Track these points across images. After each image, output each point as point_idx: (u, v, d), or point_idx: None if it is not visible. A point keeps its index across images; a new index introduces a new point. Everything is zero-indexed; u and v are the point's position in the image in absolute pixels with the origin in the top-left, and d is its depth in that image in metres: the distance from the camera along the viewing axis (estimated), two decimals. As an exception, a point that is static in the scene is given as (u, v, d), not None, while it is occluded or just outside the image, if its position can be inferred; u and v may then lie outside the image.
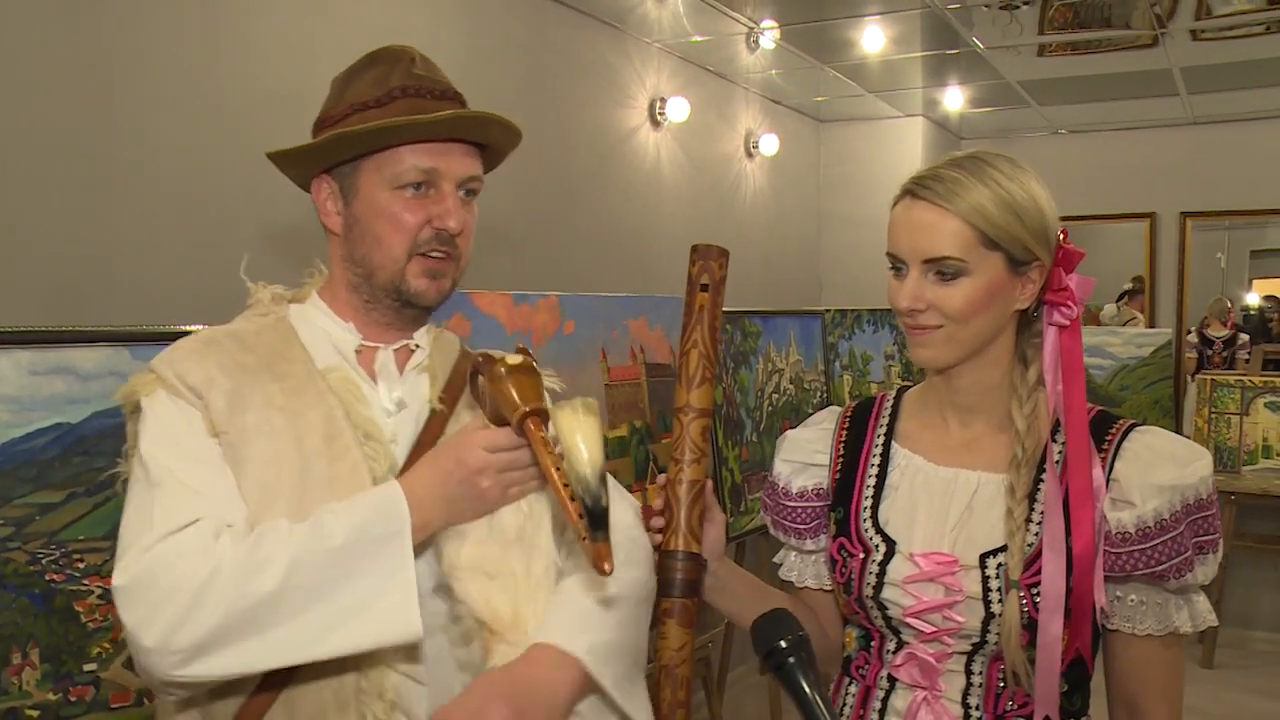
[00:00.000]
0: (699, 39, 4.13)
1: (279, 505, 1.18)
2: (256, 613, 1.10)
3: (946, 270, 1.25)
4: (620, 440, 2.92)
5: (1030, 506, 1.27)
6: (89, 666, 1.75)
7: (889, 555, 1.32)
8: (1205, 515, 1.25)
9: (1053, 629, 1.22)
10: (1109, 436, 1.29)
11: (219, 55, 2.44)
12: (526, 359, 1.22)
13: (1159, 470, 1.24)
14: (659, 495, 1.30)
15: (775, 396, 3.94)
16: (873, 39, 4.15)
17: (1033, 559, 1.25)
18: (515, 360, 1.20)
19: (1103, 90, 5.09)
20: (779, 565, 1.54)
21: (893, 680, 1.33)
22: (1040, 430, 1.30)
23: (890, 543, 1.33)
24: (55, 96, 2.12)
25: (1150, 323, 5.94)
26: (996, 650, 1.26)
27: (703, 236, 1.38)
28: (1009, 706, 1.28)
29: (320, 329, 1.33)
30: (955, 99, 5.25)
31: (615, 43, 3.96)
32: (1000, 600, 1.25)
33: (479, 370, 1.22)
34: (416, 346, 1.37)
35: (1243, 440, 4.97)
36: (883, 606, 1.32)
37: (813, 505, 1.44)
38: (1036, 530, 1.26)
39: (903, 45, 4.29)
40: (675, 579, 1.25)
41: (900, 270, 1.29)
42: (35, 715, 1.68)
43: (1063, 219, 1.31)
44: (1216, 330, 6.01)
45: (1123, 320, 6.12)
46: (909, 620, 1.30)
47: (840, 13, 3.87)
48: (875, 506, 1.36)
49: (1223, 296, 6.11)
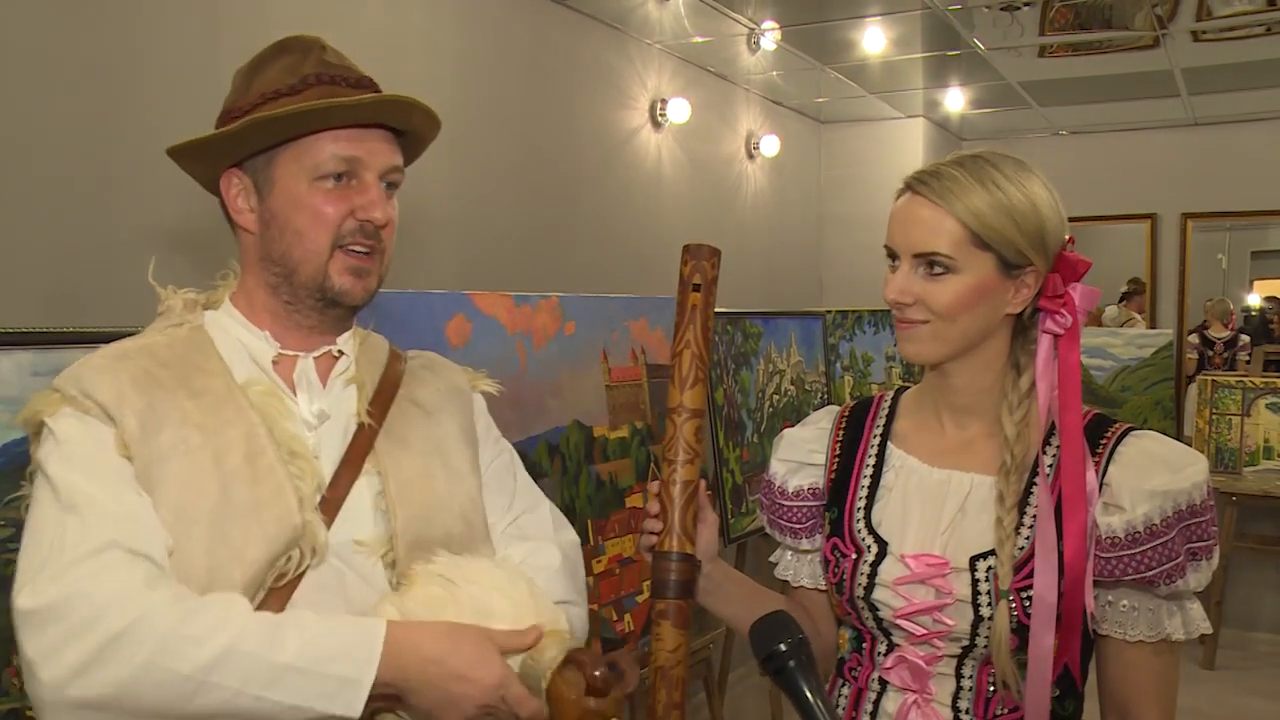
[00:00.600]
0: (700, 40, 4.13)
1: (196, 530, 1.12)
2: (164, 689, 1.00)
3: (936, 266, 1.26)
4: (621, 441, 2.92)
5: (1021, 513, 1.27)
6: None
7: (881, 556, 1.32)
8: (1199, 522, 1.24)
9: (1045, 641, 1.22)
10: (1104, 441, 1.28)
11: (219, 57, 2.45)
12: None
13: (1152, 475, 1.24)
14: (654, 497, 1.30)
15: (776, 397, 3.94)
16: (874, 40, 4.15)
17: (1022, 564, 1.25)
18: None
19: (1104, 91, 5.08)
20: (775, 564, 1.54)
21: (884, 683, 1.34)
22: (1030, 437, 1.29)
23: (882, 544, 1.33)
24: (57, 96, 2.13)
25: (1151, 324, 5.94)
26: (986, 654, 1.26)
27: (704, 237, 1.38)
28: (999, 711, 1.28)
29: (235, 339, 1.26)
30: (956, 100, 5.26)
31: (616, 44, 3.96)
32: (990, 604, 1.25)
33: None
34: (340, 353, 1.30)
35: (1244, 441, 4.96)
36: (874, 608, 1.32)
37: (808, 505, 1.44)
38: (1027, 536, 1.26)
39: (903, 46, 4.29)
40: (669, 580, 1.25)
41: (895, 263, 1.31)
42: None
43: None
44: (1217, 331, 6.01)
45: (1121, 321, 6.12)
46: (899, 622, 1.30)
47: (841, 14, 3.88)
48: (869, 507, 1.36)
49: (1224, 298, 6.11)
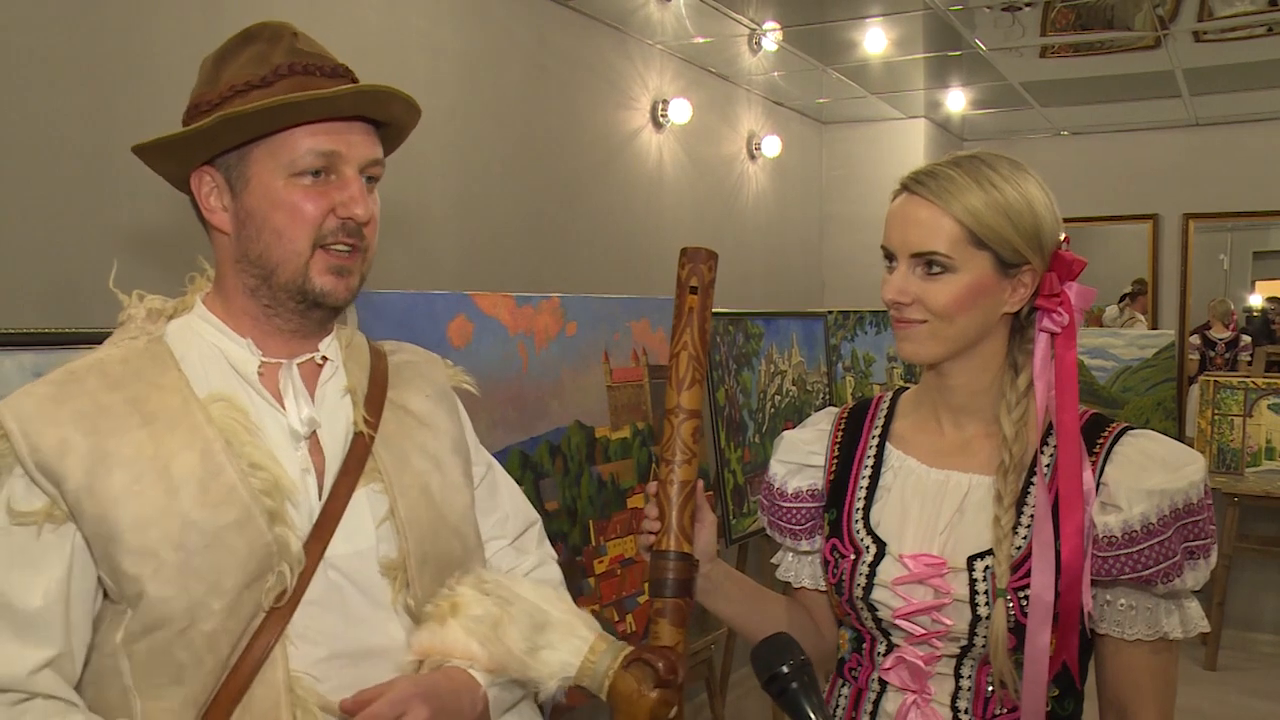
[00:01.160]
0: (701, 41, 4.13)
1: (165, 572, 1.08)
2: None
3: (933, 266, 1.26)
4: (623, 442, 2.92)
5: (1019, 512, 1.27)
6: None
7: (879, 556, 1.32)
8: (1196, 520, 1.24)
9: (1040, 640, 1.22)
10: (1101, 440, 1.29)
11: (222, 57, 2.44)
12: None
13: (1148, 475, 1.24)
14: (652, 498, 1.30)
15: (778, 398, 3.94)
16: (875, 41, 4.15)
17: (1019, 563, 1.25)
18: None
19: (1105, 92, 5.08)
20: (777, 566, 1.54)
21: (883, 683, 1.34)
22: (1028, 437, 1.30)
23: (881, 544, 1.33)
24: (60, 97, 2.13)
25: (1153, 325, 5.93)
26: (984, 654, 1.26)
27: (705, 238, 1.38)
28: (998, 711, 1.28)
29: (212, 346, 1.20)
30: (957, 101, 5.25)
31: (617, 44, 3.96)
32: (987, 604, 1.25)
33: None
34: (324, 359, 1.26)
35: (1246, 442, 4.96)
36: (872, 608, 1.32)
37: (807, 506, 1.44)
38: (1025, 535, 1.26)
39: (905, 47, 4.29)
40: (667, 579, 1.26)
41: (892, 264, 1.31)
42: None
43: (1065, 221, 1.31)
44: (1219, 332, 6.00)
45: (1123, 322, 6.11)
46: (898, 622, 1.30)
47: (842, 14, 3.88)
48: (867, 508, 1.37)
49: (1225, 298, 6.11)
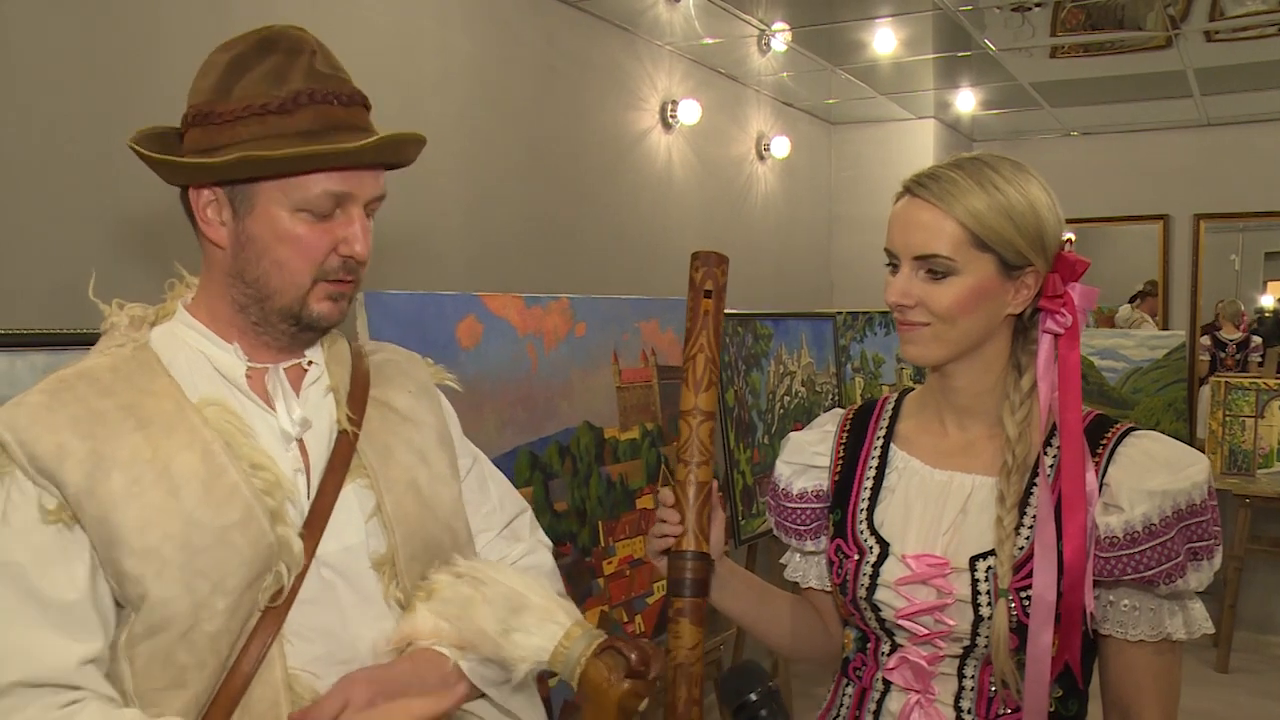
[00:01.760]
0: (710, 41, 4.13)
1: (169, 571, 1.08)
2: None
3: (936, 269, 1.26)
4: (632, 443, 2.92)
5: (1021, 513, 1.27)
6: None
7: (883, 557, 1.32)
8: (1199, 521, 1.24)
9: (1042, 640, 1.22)
10: (1104, 441, 1.29)
11: (233, 59, 2.46)
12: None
13: (1151, 475, 1.24)
14: (669, 498, 1.31)
15: (787, 399, 3.93)
16: (884, 41, 4.15)
17: (1022, 564, 1.25)
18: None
19: (1116, 92, 5.07)
20: (785, 565, 1.54)
21: (887, 683, 1.34)
22: (1032, 438, 1.30)
23: (884, 544, 1.33)
24: (68, 97, 2.14)
25: (1164, 325, 5.91)
26: (987, 654, 1.26)
27: (714, 239, 1.38)
28: (1001, 711, 1.28)
29: (197, 352, 1.20)
30: (967, 101, 5.24)
31: (626, 45, 3.96)
32: (990, 604, 1.25)
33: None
34: (310, 363, 1.27)
35: (1257, 443, 4.94)
36: (876, 608, 1.32)
37: (812, 507, 1.45)
38: (1027, 536, 1.26)
39: (914, 47, 4.29)
40: (685, 579, 1.27)
41: (895, 266, 1.31)
42: None
43: (1075, 221, 1.32)
44: (1229, 333, 5.98)
45: (1132, 323, 6.10)
46: (901, 622, 1.30)
47: (852, 15, 3.87)
48: (871, 508, 1.37)
49: (1235, 299, 6.08)
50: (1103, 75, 4.73)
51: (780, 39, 4.12)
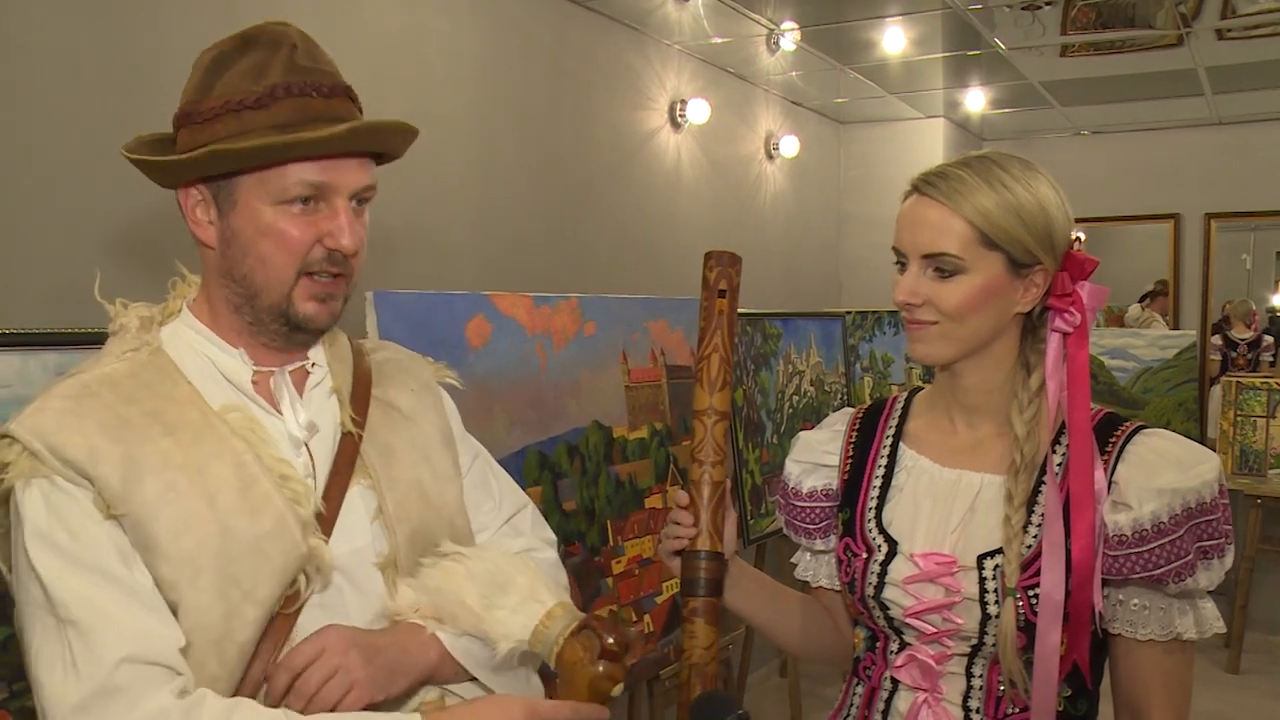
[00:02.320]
0: (719, 41, 4.13)
1: (203, 579, 1.08)
2: None
3: (944, 267, 1.26)
4: (640, 442, 2.92)
5: (1029, 511, 1.27)
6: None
7: (891, 555, 1.32)
8: (1209, 520, 1.23)
9: (1050, 638, 1.22)
10: (1113, 439, 1.28)
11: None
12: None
13: (1160, 473, 1.23)
14: (683, 499, 1.31)
15: (796, 398, 3.93)
16: (894, 40, 4.14)
17: (1029, 562, 1.25)
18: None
19: (1126, 91, 5.05)
20: (796, 565, 1.54)
21: (896, 682, 1.34)
22: (1040, 436, 1.29)
23: (892, 543, 1.33)
24: (70, 99, 2.15)
25: (1175, 325, 5.89)
26: (995, 653, 1.26)
27: (723, 239, 1.39)
28: (1009, 710, 1.28)
29: (202, 356, 1.20)
30: (977, 100, 5.23)
31: (635, 44, 3.96)
32: (997, 602, 1.25)
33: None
34: (313, 365, 1.27)
35: (1269, 444, 4.92)
36: (884, 606, 1.32)
37: (821, 506, 1.45)
38: (1035, 534, 1.26)
39: (924, 46, 4.28)
40: (700, 578, 1.28)
41: (903, 265, 1.31)
42: None
43: (1086, 220, 1.32)
44: (1240, 332, 5.96)
45: (1142, 322, 6.08)
46: (909, 621, 1.30)
47: (861, 14, 3.87)
48: (880, 507, 1.37)
49: (1246, 298, 6.06)
50: (1113, 74, 4.71)
51: (789, 38, 4.12)
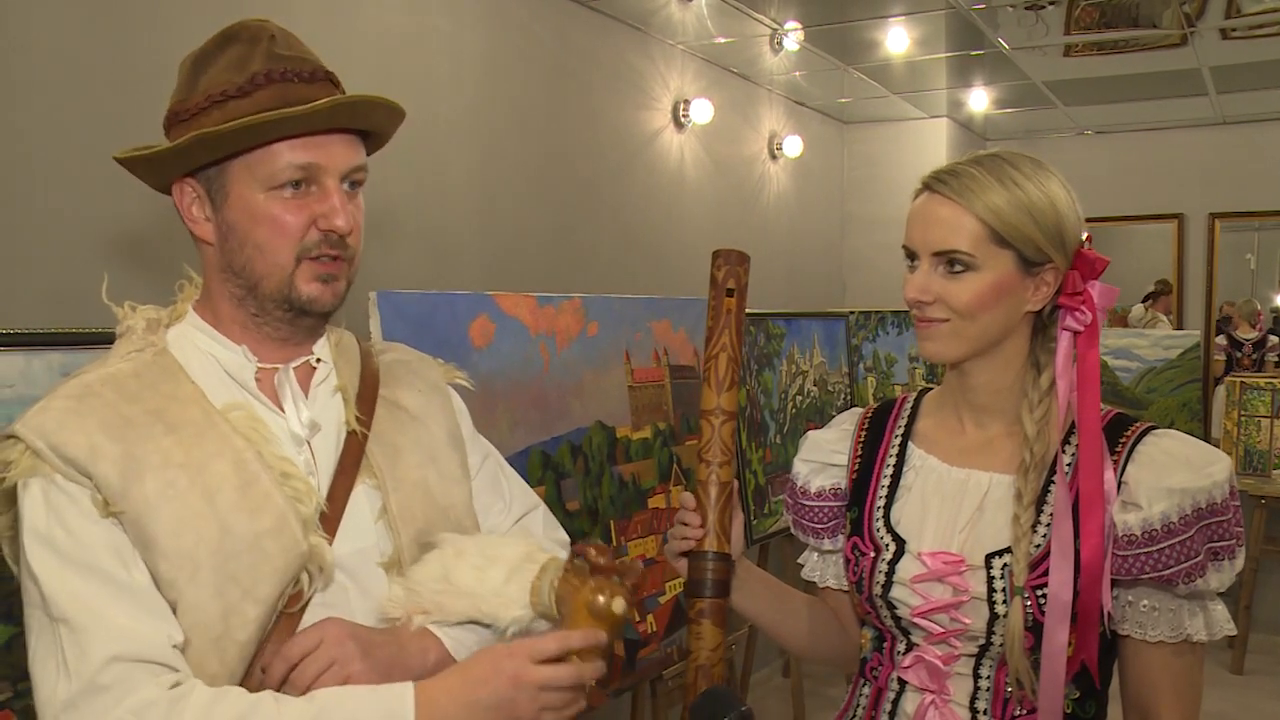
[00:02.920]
0: (722, 41, 4.13)
1: (202, 576, 1.08)
2: None
3: (955, 265, 1.26)
4: (644, 442, 2.92)
5: (1039, 511, 1.27)
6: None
7: (899, 554, 1.32)
8: (1220, 521, 1.22)
9: (1058, 638, 1.21)
10: (1123, 439, 1.28)
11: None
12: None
13: (1170, 474, 1.23)
14: (690, 501, 1.31)
15: (799, 398, 3.93)
16: (897, 40, 4.14)
17: (1038, 562, 1.24)
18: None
19: (1130, 90, 5.04)
20: (803, 566, 1.54)
21: (903, 683, 1.33)
22: (1050, 436, 1.29)
23: (900, 542, 1.33)
24: (73, 99, 2.15)
25: (1178, 325, 5.88)
26: (1002, 654, 1.26)
27: (726, 239, 1.38)
28: (1017, 712, 1.27)
29: (207, 355, 1.20)
30: (980, 100, 5.23)
31: (639, 44, 3.96)
32: (1005, 602, 1.25)
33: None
34: (319, 361, 1.26)
35: (1273, 444, 4.91)
36: (891, 606, 1.32)
37: (830, 505, 1.45)
38: (1044, 534, 1.26)
39: (927, 46, 4.28)
40: (707, 579, 1.28)
41: (914, 263, 1.30)
42: None
43: (1089, 220, 1.31)
44: (1245, 332, 5.95)
45: (1145, 322, 6.06)
46: (917, 620, 1.30)
47: (864, 14, 3.86)
48: (888, 506, 1.37)
49: (1251, 298, 6.05)
50: (1117, 74, 4.71)
51: (793, 38, 4.12)
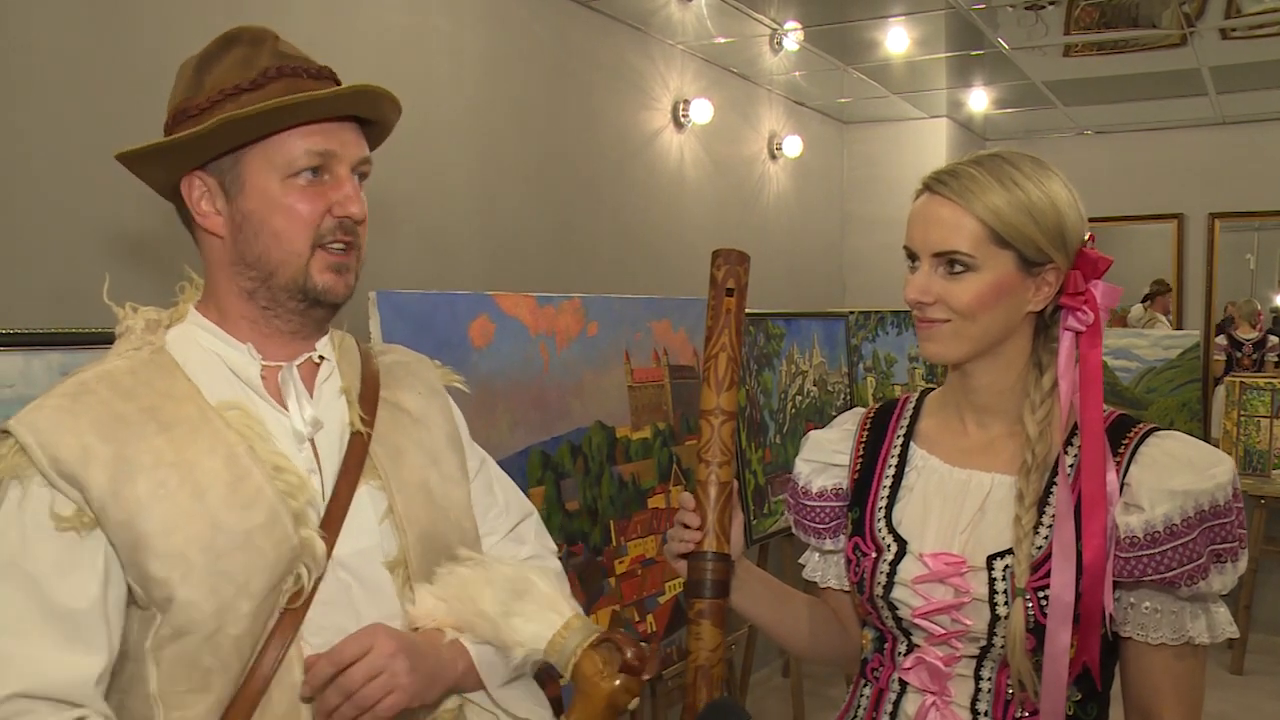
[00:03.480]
0: (722, 41, 4.13)
1: (195, 575, 1.08)
2: None
3: (956, 265, 1.26)
4: (644, 442, 2.92)
5: (1040, 512, 1.27)
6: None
7: (900, 555, 1.32)
8: (1223, 523, 1.22)
9: (1060, 639, 1.21)
10: (1126, 441, 1.27)
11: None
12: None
13: (1173, 475, 1.22)
14: (690, 501, 1.30)
15: (799, 398, 3.93)
16: (897, 40, 4.14)
17: (1040, 563, 1.24)
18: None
19: (1129, 90, 5.05)
20: (803, 566, 1.54)
21: (904, 684, 1.33)
22: (1052, 437, 1.29)
23: (902, 543, 1.33)
24: (73, 100, 2.15)
25: (1178, 325, 5.88)
26: (1004, 655, 1.25)
27: (726, 239, 1.38)
28: (1018, 714, 1.27)
29: (211, 353, 1.21)
30: (980, 100, 5.23)
31: (639, 45, 3.96)
32: (1006, 603, 1.24)
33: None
34: (321, 358, 1.27)
35: (1273, 444, 4.91)
36: (893, 606, 1.32)
37: (831, 505, 1.44)
38: (1046, 535, 1.25)
39: (927, 46, 4.28)
40: (706, 580, 1.27)
41: (915, 264, 1.30)
42: None
43: (1089, 220, 1.30)
44: (1245, 333, 5.95)
45: (1144, 323, 6.07)
46: (918, 621, 1.29)
47: (864, 14, 3.86)
48: (890, 506, 1.36)
49: (1251, 298, 6.05)
50: (1117, 74, 4.71)
51: (792, 38, 4.12)
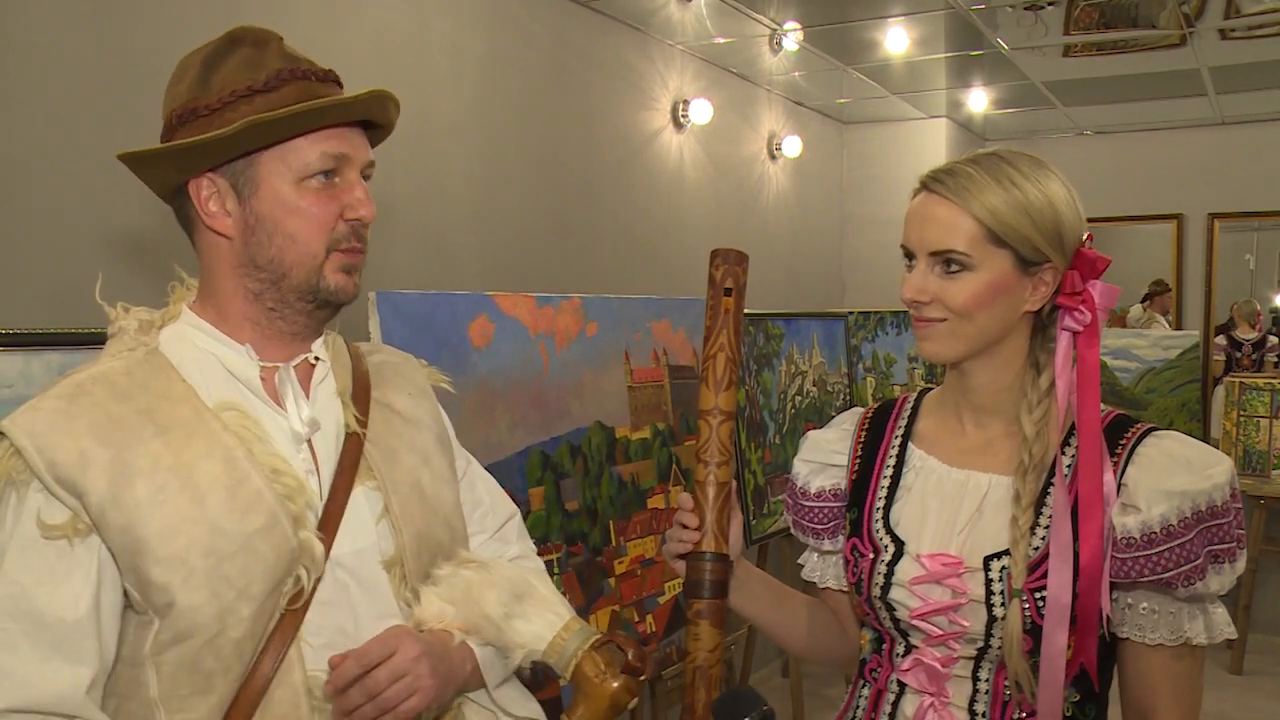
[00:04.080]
0: (722, 41, 4.13)
1: (195, 579, 1.08)
2: None
3: (952, 264, 1.26)
4: (643, 442, 2.92)
5: (1037, 513, 1.26)
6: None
7: (897, 556, 1.32)
8: (1220, 524, 1.21)
9: (1057, 640, 1.21)
10: (1123, 441, 1.27)
11: (246, 60, 2.46)
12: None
13: (1171, 476, 1.22)
14: (688, 502, 1.30)
15: (798, 399, 3.93)
16: (896, 40, 4.14)
17: (1037, 564, 1.24)
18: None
19: (1129, 91, 5.05)
20: (802, 566, 1.54)
21: (902, 685, 1.33)
22: (1050, 437, 1.28)
23: (899, 543, 1.32)
24: (72, 99, 2.15)
25: (1178, 325, 5.88)
26: (1001, 657, 1.25)
27: (726, 239, 1.38)
28: (1016, 715, 1.27)
29: (207, 353, 1.20)
30: (979, 100, 5.23)
31: (638, 45, 3.96)
32: (1003, 604, 1.24)
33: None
34: (316, 359, 1.27)
35: (1272, 444, 4.91)
36: (890, 607, 1.32)
37: (830, 505, 1.44)
38: (1043, 536, 1.25)
39: (926, 46, 4.28)
40: (705, 580, 1.27)
41: (911, 262, 1.30)
42: None
43: (1088, 220, 1.30)
44: (1245, 333, 5.95)
45: (1143, 323, 6.07)
46: (915, 622, 1.29)
47: (863, 14, 3.87)
48: (888, 507, 1.36)
49: (1251, 298, 6.05)
50: (1116, 74, 4.71)
51: (792, 38, 4.12)
